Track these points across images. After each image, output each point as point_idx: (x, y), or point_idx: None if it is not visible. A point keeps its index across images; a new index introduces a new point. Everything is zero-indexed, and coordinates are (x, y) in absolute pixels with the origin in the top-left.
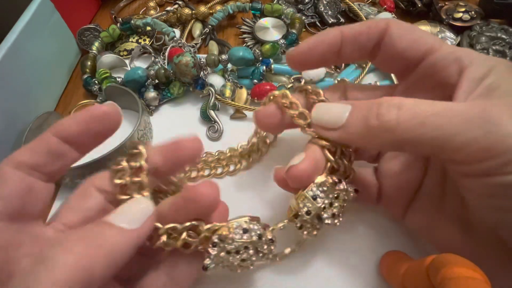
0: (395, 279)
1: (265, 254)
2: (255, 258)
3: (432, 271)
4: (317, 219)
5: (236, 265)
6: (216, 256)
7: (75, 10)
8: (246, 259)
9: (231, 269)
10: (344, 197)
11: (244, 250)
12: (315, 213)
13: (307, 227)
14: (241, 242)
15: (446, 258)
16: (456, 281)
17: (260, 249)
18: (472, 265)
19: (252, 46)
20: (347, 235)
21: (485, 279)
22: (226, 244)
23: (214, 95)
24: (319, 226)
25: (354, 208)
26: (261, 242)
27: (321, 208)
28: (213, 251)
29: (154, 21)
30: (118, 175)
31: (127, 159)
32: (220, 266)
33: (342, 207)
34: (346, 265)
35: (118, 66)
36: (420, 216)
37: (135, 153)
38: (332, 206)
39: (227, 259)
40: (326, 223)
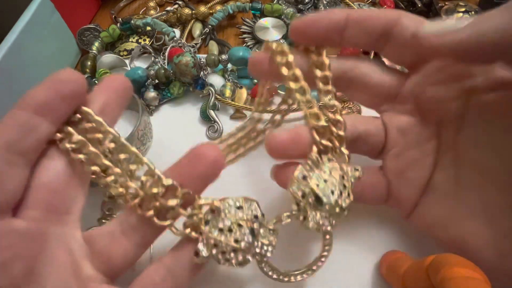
0: (395, 279)
1: (263, 245)
2: (250, 239)
3: (432, 271)
4: (317, 202)
5: (230, 252)
6: (208, 236)
7: (75, 10)
8: (239, 240)
9: (225, 260)
10: (343, 175)
11: (237, 228)
12: (312, 194)
13: (312, 216)
14: (234, 219)
15: (446, 258)
16: (456, 281)
17: (257, 233)
18: (472, 265)
19: (252, 46)
20: (347, 235)
21: (485, 279)
22: (218, 221)
23: (214, 95)
24: (326, 212)
25: (353, 208)
26: (257, 222)
27: (315, 188)
28: (205, 228)
29: (154, 21)
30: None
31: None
32: (213, 254)
33: (344, 186)
34: (346, 265)
35: (118, 66)
36: (431, 212)
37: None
38: (329, 183)
39: (219, 240)
40: (325, 202)
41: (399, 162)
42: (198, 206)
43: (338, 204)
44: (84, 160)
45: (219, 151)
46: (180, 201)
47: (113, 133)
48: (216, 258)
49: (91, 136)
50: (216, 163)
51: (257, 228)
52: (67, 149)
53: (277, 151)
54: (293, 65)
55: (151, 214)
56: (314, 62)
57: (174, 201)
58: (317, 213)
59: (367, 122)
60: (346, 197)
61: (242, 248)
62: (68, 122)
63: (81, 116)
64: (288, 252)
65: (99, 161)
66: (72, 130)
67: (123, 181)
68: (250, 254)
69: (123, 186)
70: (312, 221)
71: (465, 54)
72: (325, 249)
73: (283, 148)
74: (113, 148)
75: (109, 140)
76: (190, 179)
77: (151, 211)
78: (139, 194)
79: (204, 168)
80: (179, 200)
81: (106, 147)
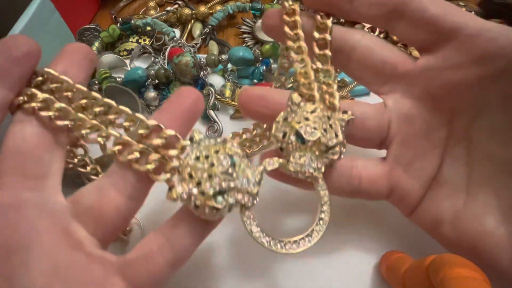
0: (395, 279)
1: (244, 181)
2: (228, 163)
3: (432, 271)
4: (298, 139)
5: (206, 182)
6: (184, 166)
7: (75, 10)
8: (215, 164)
9: (200, 194)
10: (329, 117)
11: (215, 155)
12: (293, 132)
13: (295, 159)
14: (213, 149)
15: (446, 258)
16: (456, 281)
17: (237, 164)
18: (472, 265)
19: (252, 46)
20: (347, 235)
21: (485, 279)
22: (195, 151)
23: (214, 95)
24: (311, 153)
25: (353, 208)
26: (238, 155)
27: (296, 126)
28: (182, 160)
29: (154, 21)
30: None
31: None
32: (189, 188)
33: (331, 126)
34: (346, 265)
35: (118, 66)
36: (438, 209)
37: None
38: (310, 121)
39: (195, 167)
40: (307, 139)
41: (405, 151)
42: (181, 147)
43: (322, 142)
44: (53, 117)
45: (199, 93)
46: (165, 141)
47: (80, 88)
48: (192, 195)
49: (59, 95)
50: (197, 102)
51: (238, 161)
52: (32, 109)
53: (249, 105)
54: (298, 25)
55: (132, 158)
56: (317, 26)
57: (158, 141)
58: (301, 157)
59: (364, 105)
60: (333, 137)
61: (218, 172)
62: (32, 85)
63: (43, 79)
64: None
65: (71, 116)
66: (35, 91)
67: (103, 131)
68: (226, 182)
69: (102, 136)
70: (293, 163)
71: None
72: (322, 209)
73: (256, 104)
74: (85, 103)
75: (80, 96)
76: (172, 121)
77: (133, 155)
78: (122, 141)
79: (186, 108)
80: (164, 140)
81: (78, 104)
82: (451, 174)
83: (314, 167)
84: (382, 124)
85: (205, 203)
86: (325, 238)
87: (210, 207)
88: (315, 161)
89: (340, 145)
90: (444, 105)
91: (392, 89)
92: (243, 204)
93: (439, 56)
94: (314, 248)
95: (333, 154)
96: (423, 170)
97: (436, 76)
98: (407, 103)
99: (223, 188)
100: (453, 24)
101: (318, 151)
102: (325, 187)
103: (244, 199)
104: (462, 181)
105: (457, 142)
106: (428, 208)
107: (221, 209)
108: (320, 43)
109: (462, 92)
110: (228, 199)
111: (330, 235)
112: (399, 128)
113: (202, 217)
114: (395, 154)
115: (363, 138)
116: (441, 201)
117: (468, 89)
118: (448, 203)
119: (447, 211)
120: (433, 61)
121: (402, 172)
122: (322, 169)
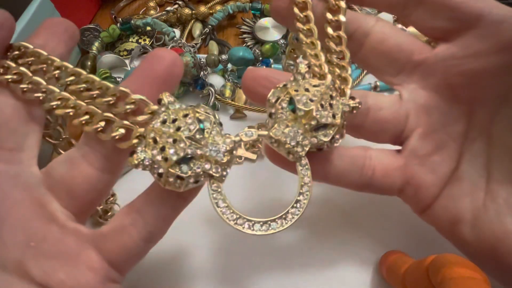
0: (395, 279)
1: (213, 149)
2: (196, 127)
3: (432, 271)
4: (290, 105)
5: (170, 147)
6: (148, 130)
7: (75, 10)
8: (182, 128)
9: (164, 160)
10: (332, 95)
11: (183, 119)
12: (288, 96)
13: (281, 130)
14: (182, 113)
15: (446, 258)
16: (456, 281)
17: (207, 130)
18: (472, 265)
19: (252, 46)
20: (347, 235)
21: (485, 279)
22: (163, 113)
23: (214, 95)
24: (299, 123)
25: (354, 208)
26: (209, 121)
27: (292, 92)
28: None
29: (154, 21)
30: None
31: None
32: (152, 154)
33: (330, 105)
34: (346, 265)
35: (118, 66)
36: (455, 207)
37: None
38: (310, 93)
39: (160, 132)
40: (299, 108)
41: (423, 144)
42: (151, 113)
43: (314, 116)
44: (26, 89)
45: (177, 55)
46: (131, 106)
47: (53, 59)
48: (155, 162)
49: (35, 68)
50: (173, 65)
51: (209, 127)
52: (5, 80)
53: (253, 85)
54: (309, 6)
55: (97, 127)
56: (330, 7)
57: (122, 107)
58: (287, 127)
59: (379, 95)
60: (329, 116)
61: (183, 137)
62: (7, 59)
63: (20, 52)
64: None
65: (43, 88)
66: (10, 63)
67: (71, 102)
68: (192, 148)
69: (72, 107)
70: (276, 131)
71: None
72: (301, 190)
73: (260, 84)
74: (59, 73)
75: (54, 68)
76: (143, 87)
77: (99, 124)
78: (87, 110)
79: (160, 71)
80: (132, 106)
81: (51, 75)
82: (470, 170)
83: (298, 141)
84: (399, 116)
85: (168, 170)
86: (325, 237)
87: (174, 176)
88: (301, 136)
89: (334, 129)
90: (463, 95)
91: (406, 79)
92: (210, 174)
93: (459, 44)
94: (313, 248)
95: (324, 136)
96: (442, 164)
97: (456, 64)
98: (423, 94)
99: (188, 154)
100: (476, 10)
101: (308, 126)
102: (308, 167)
103: (212, 169)
104: (482, 177)
105: (477, 135)
106: (445, 205)
107: (185, 178)
108: (333, 25)
109: (484, 82)
110: (194, 168)
111: (330, 235)
112: (419, 120)
113: (167, 188)
114: (413, 146)
115: (377, 131)
116: (459, 199)
117: (490, 78)
118: (467, 201)
119: (465, 209)
120: (453, 49)
121: (419, 165)
122: (307, 147)
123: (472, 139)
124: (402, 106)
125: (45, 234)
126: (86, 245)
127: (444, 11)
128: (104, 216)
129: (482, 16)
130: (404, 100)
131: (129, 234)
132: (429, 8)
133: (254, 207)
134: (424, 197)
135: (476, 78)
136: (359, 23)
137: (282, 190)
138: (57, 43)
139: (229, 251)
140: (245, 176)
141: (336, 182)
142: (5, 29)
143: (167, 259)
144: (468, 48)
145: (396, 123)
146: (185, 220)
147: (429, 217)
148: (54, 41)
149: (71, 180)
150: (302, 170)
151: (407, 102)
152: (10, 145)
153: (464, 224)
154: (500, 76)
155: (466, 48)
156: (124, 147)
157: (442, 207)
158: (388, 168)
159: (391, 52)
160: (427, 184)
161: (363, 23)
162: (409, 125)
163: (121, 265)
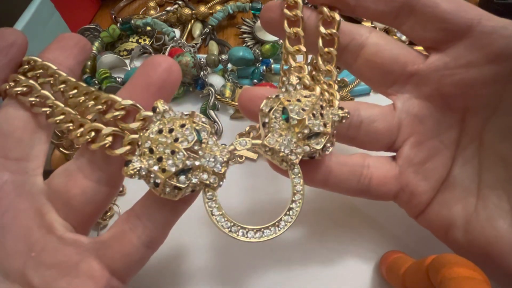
0: (395, 279)
1: (210, 160)
2: (194, 138)
3: (432, 271)
4: (283, 114)
5: (168, 158)
6: (144, 139)
7: (75, 10)
8: (180, 139)
9: (161, 171)
10: (322, 105)
11: (180, 129)
12: (281, 106)
13: (275, 138)
14: (179, 123)
15: (446, 258)
16: (456, 281)
17: (204, 140)
18: (472, 265)
19: (252, 46)
20: (347, 235)
21: (485, 279)
22: (159, 122)
23: (214, 95)
24: (292, 132)
25: (354, 209)
26: (206, 131)
27: (285, 102)
28: (143, 133)
29: (154, 21)
30: None
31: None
32: (149, 164)
33: (321, 115)
34: (346, 265)
35: (118, 66)
36: (448, 211)
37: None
38: (302, 103)
39: (156, 141)
40: (292, 116)
41: (417, 152)
42: (142, 119)
43: (307, 125)
44: (33, 103)
45: (174, 61)
46: (121, 112)
47: (59, 73)
48: (151, 172)
49: (43, 80)
50: (169, 71)
51: (206, 137)
52: (14, 93)
53: (250, 105)
54: (300, 22)
55: (87, 138)
56: (323, 18)
57: (110, 114)
58: (281, 136)
59: (371, 107)
60: (320, 125)
61: (182, 149)
62: (19, 73)
63: (29, 66)
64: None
65: (50, 103)
66: (20, 76)
67: (73, 116)
68: (191, 160)
69: (72, 121)
70: (270, 139)
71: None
72: (293, 198)
73: (256, 104)
74: (64, 87)
75: (60, 81)
76: (139, 92)
77: (90, 133)
78: (82, 122)
79: (155, 78)
80: (120, 112)
81: (58, 88)
82: (462, 176)
83: (292, 149)
84: (391, 127)
85: (165, 181)
86: (325, 238)
87: (171, 186)
88: (294, 144)
89: (326, 137)
90: (456, 104)
91: (400, 90)
92: (207, 184)
93: (451, 54)
94: (314, 248)
95: (316, 144)
96: (435, 171)
97: (448, 74)
98: (416, 103)
99: (186, 166)
100: (466, 21)
101: (301, 135)
102: (300, 175)
103: (209, 179)
104: (473, 183)
105: (469, 142)
106: (438, 211)
107: (183, 188)
108: (327, 39)
109: (476, 91)
110: (192, 179)
111: (331, 235)
112: (412, 129)
113: (162, 196)
114: (407, 154)
115: (371, 141)
116: (452, 204)
117: (482, 87)
118: (459, 206)
119: (458, 214)
120: (445, 59)
121: (413, 172)
122: (300, 155)
123: (464, 146)
124: (395, 116)
125: (45, 244)
126: (87, 254)
127: (434, 22)
128: (103, 216)
129: (472, 27)
130: (397, 110)
131: (129, 239)
132: (419, 19)
133: (254, 207)
134: (417, 203)
135: (468, 87)
136: (353, 35)
137: (282, 190)
138: (66, 57)
139: (228, 251)
140: (245, 176)
141: (335, 189)
142: (17, 47)
143: (167, 259)
144: (459, 59)
145: (389, 134)
146: (184, 220)
147: (423, 222)
148: (64, 54)
149: (67, 192)
150: (295, 178)
151: (400, 112)
152: (16, 155)
153: (457, 229)
154: (491, 85)
155: (457, 58)
156: (114, 154)
157: (435, 213)
158: (384, 176)
159: (385, 64)
160: (420, 191)
161: (357, 35)
162: (401, 134)
163: (123, 272)
